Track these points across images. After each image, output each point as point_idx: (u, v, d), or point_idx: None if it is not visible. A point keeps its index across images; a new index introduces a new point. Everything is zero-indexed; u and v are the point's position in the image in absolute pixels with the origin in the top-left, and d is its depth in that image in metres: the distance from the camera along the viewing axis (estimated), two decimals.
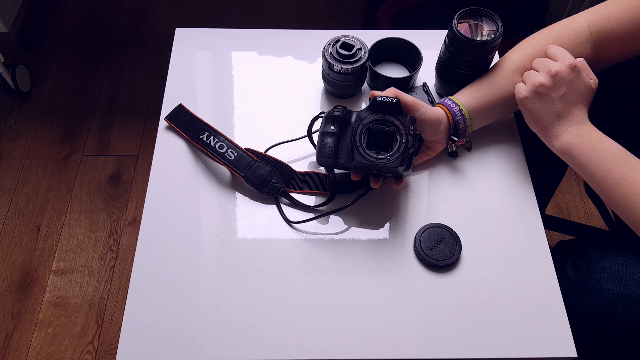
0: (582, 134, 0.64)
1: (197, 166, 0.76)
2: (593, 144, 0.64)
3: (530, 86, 0.66)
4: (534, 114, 0.67)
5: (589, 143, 0.64)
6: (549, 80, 0.64)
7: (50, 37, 1.85)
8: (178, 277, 0.67)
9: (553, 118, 0.65)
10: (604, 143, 0.64)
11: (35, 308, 1.32)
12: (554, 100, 0.65)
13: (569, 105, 0.65)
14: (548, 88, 0.64)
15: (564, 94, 0.64)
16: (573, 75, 0.64)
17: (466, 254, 0.69)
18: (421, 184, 0.75)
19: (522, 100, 0.67)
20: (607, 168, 0.62)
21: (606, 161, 0.63)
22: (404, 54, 0.83)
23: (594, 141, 0.64)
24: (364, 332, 0.63)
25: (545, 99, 0.65)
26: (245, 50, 0.89)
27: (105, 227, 1.45)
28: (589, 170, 0.64)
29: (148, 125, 1.65)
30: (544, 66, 0.65)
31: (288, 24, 1.88)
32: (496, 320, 0.64)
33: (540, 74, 0.65)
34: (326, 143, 0.67)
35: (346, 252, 0.69)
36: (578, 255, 0.81)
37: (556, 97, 0.65)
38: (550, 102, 0.65)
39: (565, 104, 0.65)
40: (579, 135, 0.64)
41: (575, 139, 0.64)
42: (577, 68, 0.64)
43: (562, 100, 0.64)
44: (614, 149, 0.63)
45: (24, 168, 1.55)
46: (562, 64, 0.64)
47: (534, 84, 0.65)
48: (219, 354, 0.62)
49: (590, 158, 0.63)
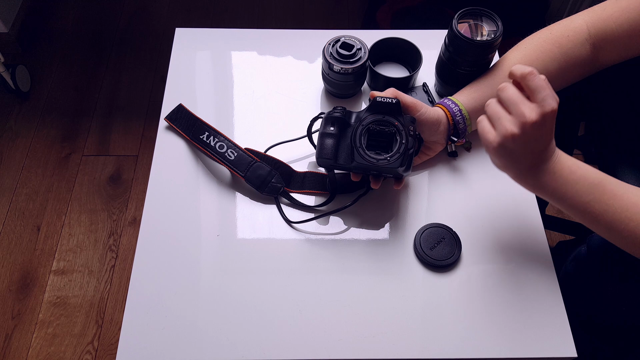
0: (553, 169, 0.58)
1: (197, 166, 0.76)
2: (565, 177, 0.57)
3: (501, 137, 0.55)
4: (504, 162, 0.58)
5: (561, 177, 0.57)
6: (522, 131, 0.54)
7: (50, 37, 1.85)
8: (178, 277, 0.67)
9: (525, 163, 0.57)
10: (576, 173, 0.57)
11: (35, 308, 1.32)
12: (524, 151, 0.56)
13: (541, 146, 0.57)
14: (520, 141, 0.55)
15: (538, 138, 0.55)
16: (549, 120, 0.54)
17: (466, 254, 0.69)
18: (421, 184, 0.75)
19: (494, 150, 0.57)
20: (585, 201, 0.57)
21: (582, 193, 0.57)
22: (404, 54, 0.83)
23: (566, 174, 0.57)
24: (364, 332, 0.64)
25: (517, 150, 0.56)
26: (245, 50, 0.89)
27: (105, 227, 1.45)
28: (567, 206, 0.59)
29: (148, 125, 1.66)
30: (518, 111, 0.54)
31: (288, 24, 1.88)
32: (496, 320, 0.64)
33: (512, 121, 0.54)
34: (326, 144, 0.67)
35: (346, 252, 0.69)
36: (578, 253, 0.81)
37: (526, 148, 0.56)
38: (521, 153, 0.56)
39: (538, 146, 0.56)
40: (551, 172, 0.58)
41: (548, 177, 0.58)
42: (555, 112, 0.54)
43: (536, 142, 0.56)
44: (589, 178, 0.57)
45: (24, 168, 1.55)
46: (539, 111, 0.53)
47: (505, 135, 0.55)
48: (219, 354, 0.62)
49: (567, 194, 0.57)
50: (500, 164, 0.59)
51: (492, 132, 0.57)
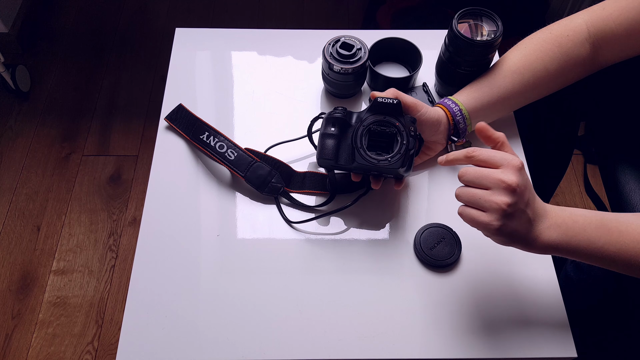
0: (556, 223, 0.56)
1: (197, 166, 0.76)
2: (571, 227, 0.56)
3: (496, 213, 0.53)
4: (511, 234, 0.54)
5: (568, 229, 0.56)
6: (512, 196, 0.52)
7: (50, 37, 1.85)
8: (178, 277, 0.67)
9: (526, 226, 0.55)
10: (578, 221, 0.56)
11: (35, 308, 1.32)
12: (523, 210, 0.54)
13: (532, 204, 0.55)
14: (515, 204, 0.53)
15: (528, 198, 0.54)
16: (524, 174, 0.54)
17: (466, 254, 0.69)
18: (421, 184, 0.75)
19: (497, 230, 0.53)
20: (599, 246, 0.55)
21: (594, 239, 0.55)
22: (404, 54, 0.83)
23: (570, 224, 0.56)
24: (364, 332, 0.64)
25: (517, 215, 0.54)
26: (245, 50, 0.89)
27: (105, 227, 1.45)
28: (584, 256, 0.57)
29: (148, 125, 1.65)
30: (494, 181, 0.53)
31: (288, 24, 1.88)
32: (496, 320, 0.64)
33: (497, 193, 0.53)
34: (327, 145, 0.67)
35: (346, 252, 0.69)
36: None
37: (523, 206, 0.54)
38: (521, 215, 0.54)
39: (530, 206, 0.55)
40: (556, 227, 0.56)
41: (555, 233, 0.55)
42: (522, 166, 0.54)
43: (527, 204, 0.54)
44: (591, 221, 0.56)
45: (24, 168, 1.55)
46: (512, 171, 0.53)
47: (500, 208, 0.52)
48: (219, 354, 0.62)
49: (580, 244, 0.56)
50: (506, 241, 0.55)
51: (483, 215, 0.54)
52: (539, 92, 0.73)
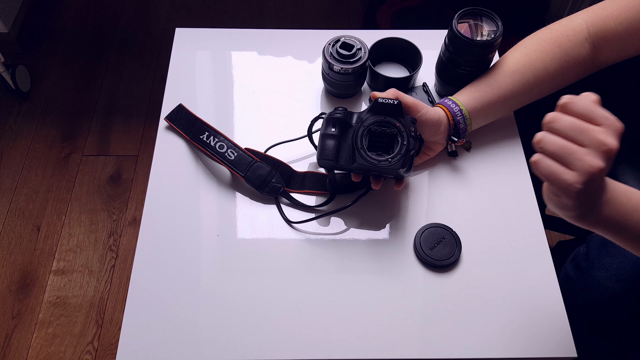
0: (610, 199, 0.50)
1: (197, 166, 0.76)
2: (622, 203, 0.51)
3: (585, 176, 0.45)
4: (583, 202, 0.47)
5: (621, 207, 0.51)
6: (608, 162, 0.45)
7: (50, 37, 1.85)
8: (178, 277, 0.67)
9: (594, 197, 0.49)
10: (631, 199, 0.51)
11: (35, 308, 1.32)
12: (603, 179, 0.49)
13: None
14: (604, 171, 0.45)
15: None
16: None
17: (466, 254, 0.69)
18: (421, 184, 0.75)
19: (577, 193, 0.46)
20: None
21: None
22: (404, 54, 0.83)
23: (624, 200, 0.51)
24: (364, 332, 0.64)
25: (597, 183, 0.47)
26: (245, 50, 0.89)
27: (105, 227, 1.45)
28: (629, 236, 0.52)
29: (148, 125, 1.66)
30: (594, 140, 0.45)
31: (288, 24, 1.88)
32: (496, 320, 0.64)
33: (594, 154, 0.45)
34: (327, 145, 0.67)
35: (346, 252, 0.69)
36: (577, 253, 0.81)
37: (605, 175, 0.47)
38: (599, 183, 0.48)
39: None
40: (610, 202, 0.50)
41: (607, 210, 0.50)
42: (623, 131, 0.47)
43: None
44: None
45: (24, 168, 1.55)
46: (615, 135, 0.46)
47: (592, 171, 0.45)
48: (219, 354, 0.62)
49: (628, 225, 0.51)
50: (572, 206, 0.48)
51: (568, 174, 0.45)
52: (539, 92, 0.73)
